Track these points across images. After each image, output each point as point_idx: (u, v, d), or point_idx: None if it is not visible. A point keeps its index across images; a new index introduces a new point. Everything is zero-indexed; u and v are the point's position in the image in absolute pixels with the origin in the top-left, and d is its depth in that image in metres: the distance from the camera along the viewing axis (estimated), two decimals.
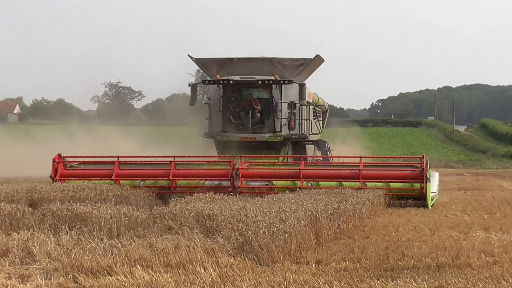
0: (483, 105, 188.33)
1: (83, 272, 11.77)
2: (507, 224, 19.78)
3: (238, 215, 15.65)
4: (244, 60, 31.25)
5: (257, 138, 29.76)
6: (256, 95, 30.74)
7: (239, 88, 30.63)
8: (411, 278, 11.35)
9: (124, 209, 16.76)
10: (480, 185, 39.74)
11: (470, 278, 11.42)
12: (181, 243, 13.65)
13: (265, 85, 29.84)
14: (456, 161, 74.89)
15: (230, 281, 11.23)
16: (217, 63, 31.27)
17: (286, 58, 31.15)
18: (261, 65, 30.89)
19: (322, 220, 16.00)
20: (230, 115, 30.23)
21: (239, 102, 30.62)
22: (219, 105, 30.06)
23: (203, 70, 32.69)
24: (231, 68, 30.83)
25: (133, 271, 11.71)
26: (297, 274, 11.85)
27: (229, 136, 29.77)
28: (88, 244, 13.98)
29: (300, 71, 31.03)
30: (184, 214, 16.13)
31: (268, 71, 30.25)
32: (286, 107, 30.13)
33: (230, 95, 30.35)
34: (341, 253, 14.06)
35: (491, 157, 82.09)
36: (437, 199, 25.58)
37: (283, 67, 30.65)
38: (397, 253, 14.07)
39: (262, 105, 30.30)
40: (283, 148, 30.07)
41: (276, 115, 29.93)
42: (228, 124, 30.12)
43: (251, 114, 29.77)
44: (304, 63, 31.16)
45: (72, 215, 16.35)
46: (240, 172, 25.12)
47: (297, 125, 30.48)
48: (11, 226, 16.05)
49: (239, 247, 13.57)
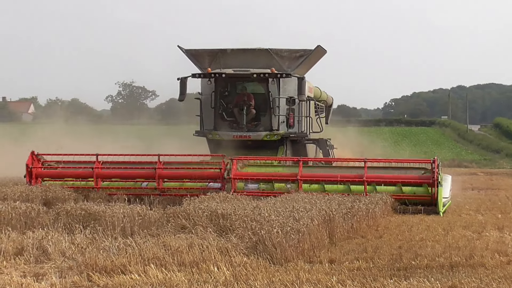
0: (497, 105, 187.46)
1: (97, 271, 11.81)
2: None
3: (251, 214, 15.66)
4: (238, 52, 28.89)
5: (252, 137, 27.33)
6: (251, 90, 28.16)
7: (232, 82, 28.21)
8: (424, 278, 11.35)
9: (137, 208, 16.78)
10: (494, 184, 39.61)
11: (483, 278, 11.42)
12: (195, 242, 13.68)
13: (261, 79, 27.29)
14: (470, 160, 74.64)
15: (243, 280, 11.25)
16: (209, 55, 28.91)
17: (284, 49, 28.66)
18: (257, 57, 28.48)
19: (336, 219, 16.00)
20: (223, 112, 27.90)
21: (233, 98, 28.15)
22: (211, 101, 27.83)
23: (194, 63, 29.48)
24: (224, 60, 28.55)
25: (147, 270, 11.75)
26: (310, 273, 11.86)
27: (222, 135, 27.49)
28: (102, 243, 14.03)
29: (300, 63, 28.51)
30: (198, 213, 16.15)
31: (265, 63, 27.76)
32: (284, 103, 27.64)
33: (222, 89, 28.07)
34: (355, 253, 14.06)
35: (505, 156, 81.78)
36: (449, 205, 23.18)
37: (281, 59, 28.26)
38: (410, 252, 14.06)
39: (258, 100, 27.83)
40: (280, 148, 27.69)
41: (273, 111, 27.50)
42: (220, 122, 27.84)
43: (246, 110, 27.41)
44: (304, 54, 28.57)
45: (86, 214, 16.39)
46: (232, 176, 22.95)
47: (296, 122, 27.98)
48: (26, 225, 16.10)
49: (252, 246, 13.59)
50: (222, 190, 22.35)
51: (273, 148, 27.41)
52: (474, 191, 33.07)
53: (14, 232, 15.09)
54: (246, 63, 27.83)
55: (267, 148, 27.20)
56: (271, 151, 27.15)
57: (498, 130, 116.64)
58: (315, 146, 30.42)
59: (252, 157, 24.83)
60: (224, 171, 23.04)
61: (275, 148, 27.48)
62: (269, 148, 27.30)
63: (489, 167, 66.03)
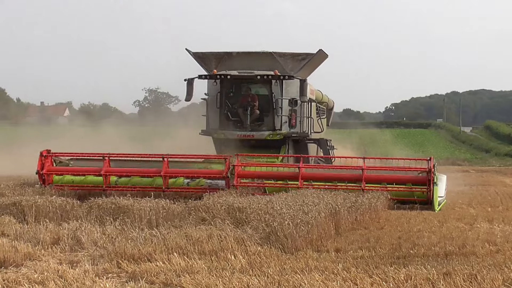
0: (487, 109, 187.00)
1: (126, 259, 11.82)
2: (509, 216, 19.69)
3: (265, 208, 15.66)
4: (243, 55, 27.31)
5: (256, 136, 26.07)
6: (255, 91, 26.84)
7: (237, 83, 26.67)
8: (421, 265, 11.31)
9: (162, 202, 16.80)
10: (484, 181, 39.57)
11: (475, 265, 11.37)
12: (214, 233, 13.68)
13: (264, 80, 26.03)
14: (463, 159, 74.60)
15: (257, 267, 11.23)
16: (216, 58, 27.43)
17: (287, 52, 27.18)
18: (261, 59, 26.89)
19: (341, 212, 15.98)
20: (228, 112, 26.52)
21: (238, 99, 26.67)
22: (216, 101, 26.50)
23: (201, 65, 27.89)
24: (230, 63, 27.05)
25: (171, 258, 11.76)
26: (318, 261, 11.85)
27: (226, 134, 26.19)
28: (130, 233, 14.06)
29: (302, 66, 27.03)
30: (216, 207, 16.15)
31: (269, 66, 26.26)
32: (287, 104, 26.31)
33: (227, 90, 26.63)
34: (358, 242, 14.03)
35: (494, 155, 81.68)
36: (444, 203, 22.14)
37: (284, 61, 26.85)
38: (408, 242, 14.04)
39: (262, 101, 26.46)
40: (283, 147, 26.32)
41: (276, 112, 26.15)
42: (225, 121, 26.48)
43: (250, 111, 26.09)
44: (306, 58, 27.15)
45: (116, 207, 16.42)
46: (236, 172, 21.78)
47: (298, 123, 26.57)
48: (61, 217, 16.15)
49: (266, 236, 13.58)
50: (226, 186, 21.49)
51: (275, 147, 26.16)
52: (467, 187, 33.01)
53: (51, 224, 15.16)
54: (250, 65, 26.60)
55: (270, 147, 25.99)
56: (274, 150, 25.88)
57: (488, 132, 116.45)
58: (316, 145, 29.28)
59: (256, 154, 24.11)
60: (227, 170, 21.83)
61: (277, 147, 26.23)
62: (272, 147, 26.06)
63: (480, 165, 65.91)
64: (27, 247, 12.79)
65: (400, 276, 10.51)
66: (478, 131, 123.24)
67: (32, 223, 15.55)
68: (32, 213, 16.27)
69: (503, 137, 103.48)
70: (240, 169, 22.08)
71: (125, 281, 10.55)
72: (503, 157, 79.26)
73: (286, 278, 10.33)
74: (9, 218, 15.81)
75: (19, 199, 17.13)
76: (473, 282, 10.23)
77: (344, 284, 10.02)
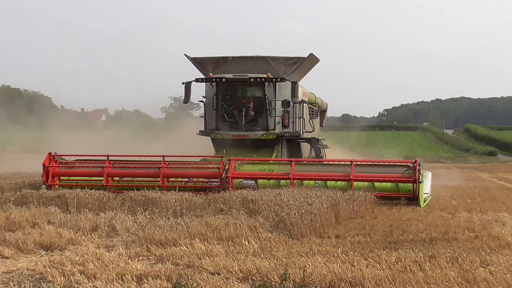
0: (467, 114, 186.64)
1: (154, 244, 11.83)
2: (486, 207, 19.63)
3: (274, 200, 15.62)
4: (238, 59, 25.77)
5: (250, 136, 24.50)
6: (250, 93, 25.36)
7: (232, 86, 25.12)
8: (410, 249, 11.29)
9: (185, 195, 16.80)
10: (464, 176, 39.44)
11: (456, 249, 11.36)
12: (230, 221, 13.67)
13: (257, 83, 24.26)
14: (446, 157, 74.47)
15: (268, 251, 11.23)
16: (213, 62, 25.86)
17: (280, 56, 25.50)
18: (255, 63, 25.43)
19: (341, 203, 15.94)
20: (224, 113, 25.06)
21: (234, 101, 25.23)
22: (213, 103, 24.98)
23: (199, 69, 26.26)
24: (225, 67, 25.57)
25: (193, 243, 11.75)
26: (320, 246, 11.83)
27: (223, 134, 24.66)
28: (158, 222, 14.07)
29: (294, 69, 25.34)
30: (232, 199, 16.13)
31: (262, 69, 24.81)
32: (280, 105, 24.68)
33: (224, 93, 25.07)
34: (355, 230, 14.00)
35: (473, 154, 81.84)
36: (430, 200, 20.50)
37: (277, 65, 25.24)
38: (399, 229, 13.99)
39: (256, 103, 24.93)
40: (276, 146, 24.60)
41: (269, 113, 24.50)
42: (221, 122, 25.00)
43: (245, 112, 24.62)
44: (297, 61, 25.43)
45: (145, 199, 16.43)
46: (230, 176, 19.95)
47: (290, 123, 24.94)
48: (99, 207, 16.17)
49: (275, 224, 13.56)
50: (221, 188, 19.57)
51: (269, 147, 24.56)
52: (449, 181, 32.87)
53: (90, 213, 15.19)
54: (245, 69, 25.11)
55: (264, 147, 24.49)
56: (268, 149, 24.41)
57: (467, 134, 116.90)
58: (309, 144, 27.49)
59: (248, 159, 21.54)
60: (222, 171, 20.13)
61: (271, 146, 24.60)
62: (266, 146, 24.52)
63: (461, 163, 65.79)
64: (70, 233, 12.84)
65: (392, 259, 10.51)
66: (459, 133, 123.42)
67: (74, 212, 15.58)
68: (74, 204, 16.32)
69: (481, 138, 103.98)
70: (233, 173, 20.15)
71: (153, 263, 10.56)
72: (480, 156, 79.50)
73: (293, 261, 10.32)
74: (55, 209, 15.85)
75: (63, 192, 17.19)
76: (454, 263, 10.22)
77: (343, 265, 10.00)
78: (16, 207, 15.94)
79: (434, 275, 9.37)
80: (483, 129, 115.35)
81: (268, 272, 9.39)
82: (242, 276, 9.49)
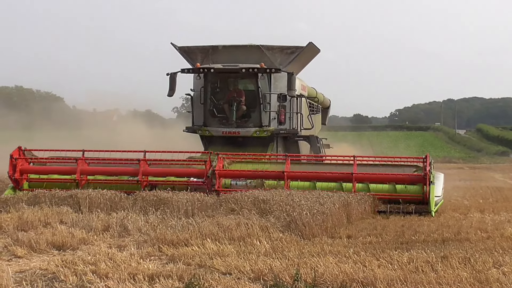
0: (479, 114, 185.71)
1: (166, 244, 11.84)
2: (498, 207, 19.58)
3: (286, 200, 15.59)
4: (230, 48, 22.91)
5: (242, 133, 21.97)
6: (242, 86, 22.67)
7: (222, 77, 22.51)
8: (422, 250, 11.27)
9: (197, 195, 16.80)
10: (477, 176, 39.39)
11: (468, 250, 11.32)
12: (241, 221, 13.66)
13: (250, 74, 21.71)
14: (458, 157, 74.28)
15: (279, 251, 11.22)
16: (201, 51, 23.07)
17: (276, 45, 22.69)
18: (249, 53, 22.56)
19: (352, 204, 15.92)
20: (213, 108, 22.47)
21: (225, 94, 22.54)
22: (201, 97, 22.45)
23: (187, 60, 23.44)
24: (216, 57, 22.72)
25: (204, 243, 11.76)
26: (332, 246, 11.82)
27: (211, 131, 22.19)
28: (169, 222, 14.09)
29: (292, 60, 22.52)
30: (244, 199, 16.09)
31: (256, 60, 21.95)
32: (276, 99, 22.08)
33: (213, 85, 22.51)
34: (367, 230, 13.99)
35: (485, 154, 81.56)
36: (441, 204, 18.54)
37: (273, 55, 22.47)
38: (410, 230, 13.98)
39: (249, 97, 22.21)
40: (270, 145, 22.26)
41: (263, 107, 21.89)
42: (210, 118, 22.42)
43: (236, 106, 22.04)
44: (295, 51, 22.61)
45: (157, 199, 16.42)
46: (217, 173, 18.25)
47: (287, 119, 22.40)
48: (111, 207, 16.18)
49: (286, 224, 13.55)
50: (206, 187, 18.20)
51: (263, 145, 22.14)
52: (461, 181, 32.84)
53: (102, 213, 15.21)
54: (237, 59, 22.24)
55: (257, 145, 22.05)
56: (262, 148, 21.95)
57: (479, 134, 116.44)
58: (308, 143, 24.61)
59: (239, 153, 19.88)
60: (208, 169, 18.36)
61: (265, 144, 22.18)
62: (260, 144, 22.09)
63: (473, 163, 65.62)
64: (82, 233, 12.87)
65: (404, 259, 10.48)
66: (471, 133, 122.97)
67: (86, 212, 15.61)
68: (86, 204, 16.34)
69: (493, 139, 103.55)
70: (221, 170, 18.54)
71: (165, 262, 10.58)
72: (492, 156, 79.25)
73: (304, 261, 10.32)
74: (67, 208, 15.89)
75: (75, 192, 17.21)
76: (467, 264, 10.18)
77: (355, 266, 9.98)
78: (29, 207, 15.98)
79: (446, 276, 9.34)
80: (495, 129, 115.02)
81: (280, 272, 9.39)
82: (253, 276, 9.49)
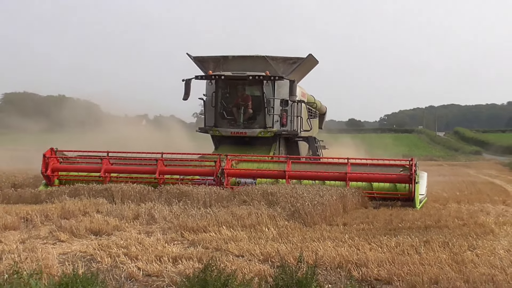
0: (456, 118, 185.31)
1: (187, 230, 11.85)
2: (472, 198, 19.55)
3: (291, 193, 15.57)
4: (238, 58, 23.10)
5: (248, 133, 22.07)
6: (249, 92, 22.78)
7: (231, 84, 22.57)
8: (407, 235, 11.26)
9: (214, 188, 16.80)
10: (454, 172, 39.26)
11: (447, 235, 11.33)
12: (252, 211, 13.66)
13: (256, 81, 21.94)
14: (438, 156, 74.14)
15: (285, 237, 11.23)
16: (214, 61, 23.20)
17: (279, 56, 22.89)
18: (255, 63, 22.74)
19: (348, 196, 15.90)
20: (223, 111, 22.62)
21: (233, 99, 22.65)
22: (212, 101, 22.53)
23: (201, 68, 23.49)
24: (226, 66, 22.88)
25: (220, 230, 11.76)
26: (330, 232, 11.81)
27: (221, 131, 22.29)
28: (190, 211, 14.07)
29: (293, 69, 22.63)
30: (254, 192, 16.08)
31: (262, 69, 22.21)
32: (279, 104, 22.14)
33: (223, 90, 22.62)
34: (360, 218, 13.98)
35: (462, 153, 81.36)
36: (425, 201, 18.05)
37: (276, 65, 22.61)
38: (398, 218, 13.96)
39: (255, 102, 22.37)
40: (273, 144, 22.29)
41: (267, 111, 21.97)
42: (220, 119, 22.55)
43: (243, 110, 22.25)
44: (296, 62, 22.77)
45: (179, 192, 16.41)
46: (226, 172, 18.16)
47: (288, 121, 22.37)
48: (140, 199, 16.20)
49: (291, 214, 13.54)
50: (216, 185, 17.86)
51: (267, 144, 22.23)
52: (441, 176, 32.72)
53: (132, 204, 15.23)
54: (245, 68, 22.51)
55: (262, 144, 22.18)
56: (266, 147, 22.10)
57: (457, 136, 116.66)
58: (307, 144, 24.88)
59: (245, 155, 19.85)
60: (218, 169, 18.31)
61: (269, 144, 22.27)
62: (264, 143, 22.21)
63: (451, 161, 65.39)
64: (115, 221, 12.89)
65: (392, 243, 10.49)
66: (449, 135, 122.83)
67: (119, 203, 15.61)
68: (119, 196, 16.35)
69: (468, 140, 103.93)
70: (230, 170, 18.43)
71: (187, 246, 10.58)
72: (468, 155, 79.28)
73: (306, 245, 10.32)
74: (102, 200, 15.91)
75: (110, 186, 17.24)
76: (446, 247, 10.19)
77: (350, 249, 9.98)
78: (70, 199, 16.03)
79: (428, 257, 9.36)
80: (470, 132, 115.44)
81: (285, 255, 9.39)
82: (263, 258, 9.51)
